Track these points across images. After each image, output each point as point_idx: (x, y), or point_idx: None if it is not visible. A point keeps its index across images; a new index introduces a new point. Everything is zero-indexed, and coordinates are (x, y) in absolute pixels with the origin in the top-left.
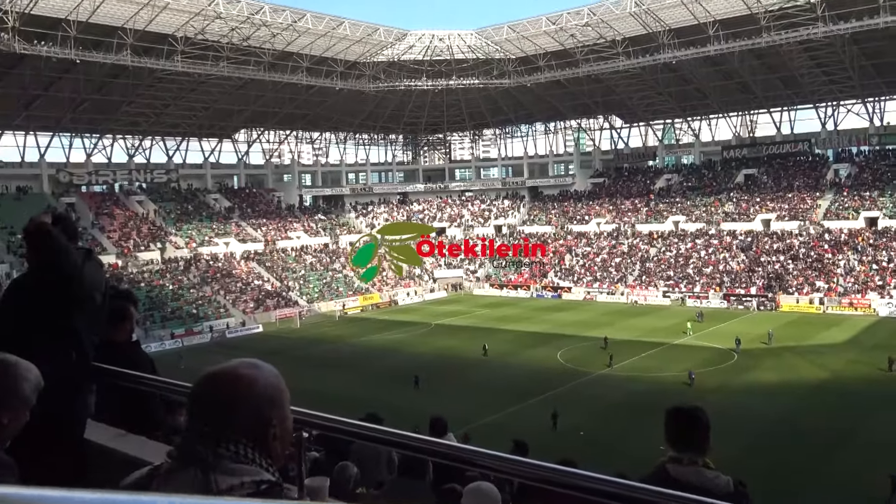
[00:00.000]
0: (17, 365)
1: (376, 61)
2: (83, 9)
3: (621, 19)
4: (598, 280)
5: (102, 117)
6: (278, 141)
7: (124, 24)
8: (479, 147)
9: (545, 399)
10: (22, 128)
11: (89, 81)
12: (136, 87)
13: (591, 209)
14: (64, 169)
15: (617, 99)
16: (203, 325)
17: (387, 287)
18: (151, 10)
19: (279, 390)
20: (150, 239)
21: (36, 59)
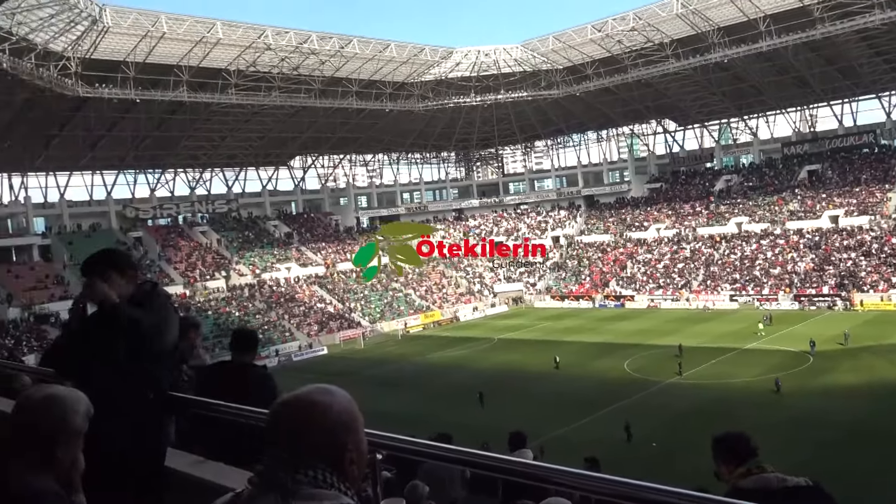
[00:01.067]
0: (66, 399)
1: (424, 81)
2: (140, 50)
3: (668, 21)
4: (662, 287)
5: (163, 153)
6: (333, 165)
7: (179, 62)
8: (531, 159)
9: (614, 410)
10: (89, 168)
11: (149, 119)
12: (194, 121)
13: (649, 215)
14: (130, 204)
15: (669, 102)
16: (270, 350)
17: (448, 304)
18: (204, 46)
19: (353, 415)
20: (215, 268)
21: (98, 101)
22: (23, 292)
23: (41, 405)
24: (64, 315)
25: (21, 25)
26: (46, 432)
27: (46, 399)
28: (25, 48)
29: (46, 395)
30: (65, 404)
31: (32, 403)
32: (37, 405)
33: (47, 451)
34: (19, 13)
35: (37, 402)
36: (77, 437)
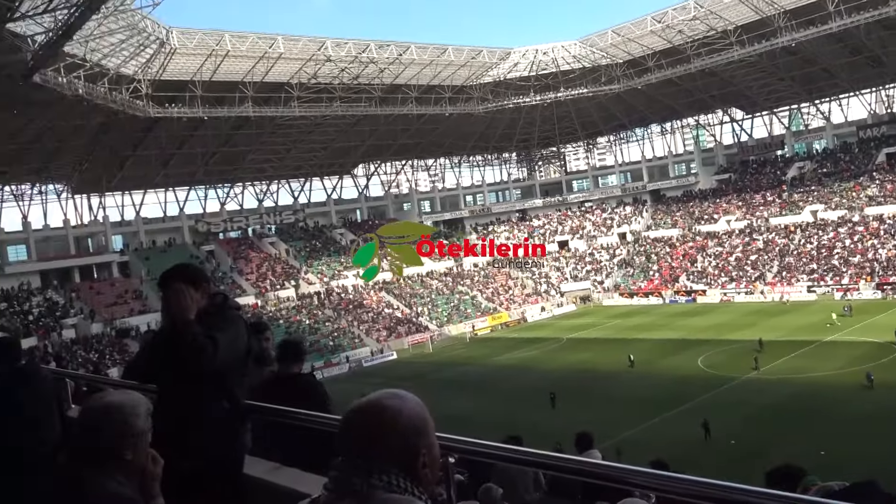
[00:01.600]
0: (124, 403)
1: (483, 83)
2: (206, 69)
3: (731, 8)
4: (735, 280)
5: (231, 167)
6: (395, 171)
7: (243, 79)
8: (594, 156)
9: (690, 409)
10: (162, 185)
11: (217, 135)
12: (260, 135)
13: (718, 207)
14: (202, 219)
15: (735, 90)
16: (340, 356)
17: (515, 305)
18: (267, 62)
19: (424, 419)
20: (285, 277)
21: (168, 120)
22: (104, 308)
23: (102, 412)
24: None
25: (94, 52)
26: (111, 437)
27: (107, 406)
28: (99, 73)
29: (106, 402)
30: (124, 408)
31: (94, 412)
32: (98, 413)
33: (117, 456)
34: (92, 41)
35: (98, 410)
36: (142, 438)
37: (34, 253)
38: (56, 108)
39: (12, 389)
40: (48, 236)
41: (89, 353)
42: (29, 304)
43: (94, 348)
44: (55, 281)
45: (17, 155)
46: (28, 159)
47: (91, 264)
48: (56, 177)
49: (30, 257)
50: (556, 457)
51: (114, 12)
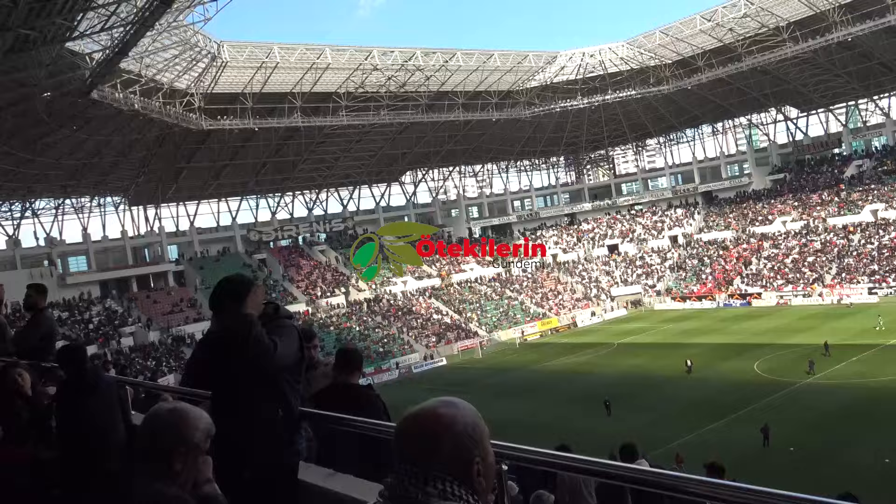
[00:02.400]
0: (188, 413)
1: (529, 87)
2: (256, 81)
3: (783, 4)
4: (791, 283)
5: (281, 177)
6: (443, 178)
7: (292, 90)
8: (643, 158)
9: (747, 414)
10: (214, 196)
11: (267, 146)
12: (309, 144)
13: (773, 208)
14: (253, 228)
15: (789, 88)
16: (390, 363)
17: (564, 310)
18: (315, 72)
19: (478, 427)
20: (335, 284)
21: (220, 132)
22: (161, 316)
23: (165, 418)
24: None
25: (149, 68)
26: (165, 444)
27: (170, 413)
28: (154, 88)
29: (171, 408)
30: (187, 419)
31: (157, 416)
32: (160, 418)
33: (168, 463)
34: (147, 56)
35: (161, 415)
36: (196, 453)
37: (94, 263)
38: (113, 123)
39: (80, 393)
40: (107, 247)
41: (147, 360)
42: (89, 313)
43: (152, 356)
44: (114, 290)
45: (77, 169)
46: (88, 173)
47: (148, 274)
48: (114, 189)
49: (90, 268)
50: (608, 464)
51: (167, 28)
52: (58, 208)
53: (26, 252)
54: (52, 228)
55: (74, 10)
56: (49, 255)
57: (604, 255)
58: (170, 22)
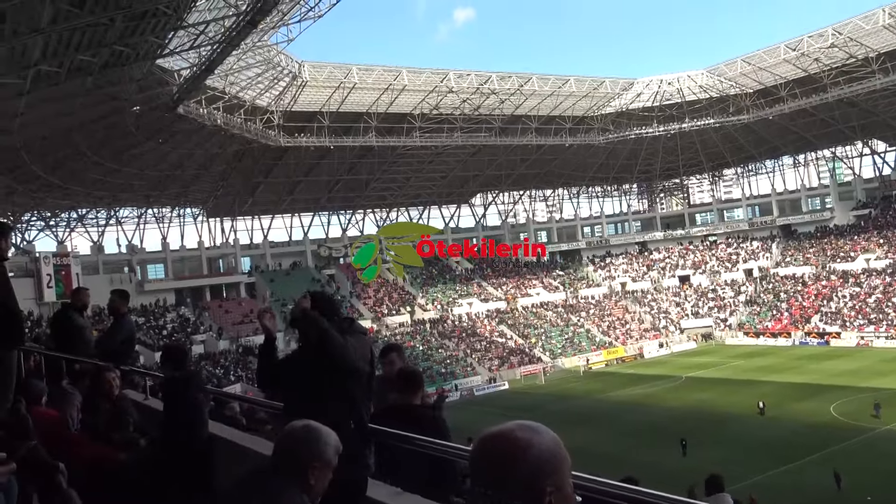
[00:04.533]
0: (321, 431)
1: (604, 113)
2: (334, 100)
3: (873, 34)
4: (873, 323)
5: (354, 195)
6: (513, 201)
7: (368, 109)
8: (719, 188)
9: (822, 457)
10: (288, 211)
11: (341, 164)
12: (382, 163)
13: (856, 244)
14: (324, 244)
15: (877, 120)
16: (452, 384)
17: (631, 340)
18: (391, 93)
19: (556, 455)
20: (401, 303)
21: (297, 149)
22: (231, 326)
23: (301, 435)
24: None
25: (233, 85)
26: (302, 458)
27: (305, 430)
28: (236, 105)
29: (304, 426)
30: (320, 437)
31: (294, 433)
32: (297, 434)
33: (303, 476)
34: (231, 74)
35: (297, 432)
36: (328, 469)
37: (171, 272)
38: (196, 137)
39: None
40: (184, 256)
41: (215, 368)
42: (164, 320)
43: (220, 364)
44: (188, 298)
45: (160, 180)
46: (170, 185)
47: (221, 284)
48: (193, 201)
49: (166, 276)
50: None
51: (252, 48)
52: (140, 217)
53: (108, 258)
54: (134, 237)
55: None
56: (129, 261)
57: (674, 285)
58: (255, 42)
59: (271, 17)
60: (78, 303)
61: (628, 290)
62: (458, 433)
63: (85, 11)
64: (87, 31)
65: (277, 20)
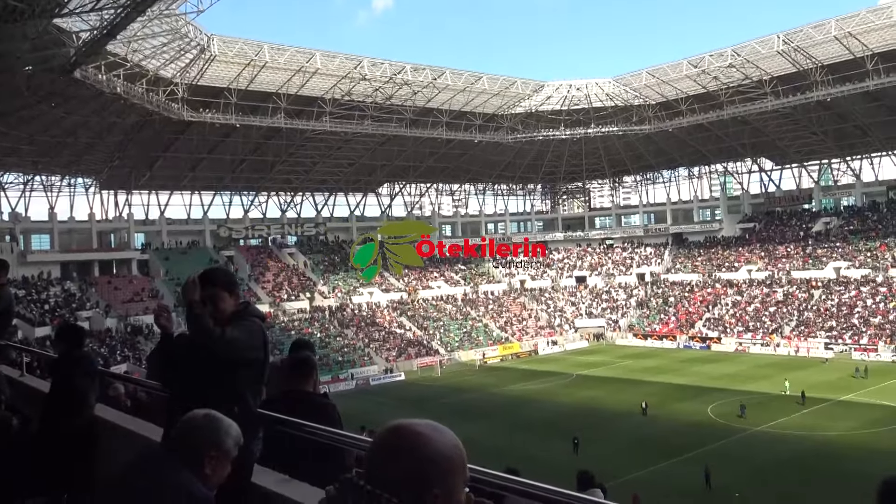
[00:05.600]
0: (222, 420)
1: (514, 113)
2: (243, 77)
3: (768, 58)
4: (751, 331)
5: (258, 176)
6: (419, 193)
7: (278, 90)
8: (619, 194)
9: (695, 456)
10: (188, 188)
11: (246, 143)
12: (289, 146)
13: (740, 256)
14: (224, 225)
15: (766, 140)
16: (348, 373)
17: (527, 336)
18: (303, 76)
19: (451, 460)
20: (300, 289)
21: (201, 125)
22: (120, 304)
23: (200, 423)
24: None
25: (135, 53)
26: (198, 445)
27: (205, 418)
28: (138, 74)
29: (205, 414)
30: (221, 426)
31: (193, 420)
32: (196, 422)
33: (200, 464)
34: (135, 41)
35: (197, 420)
36: (226, 459)
37: (57, 243)
38: (93, 104)
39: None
40: (72, 228)
41: (101, 347)
42: (47, 294)
43: (106, 343)
44: (75, 273)
45: (50, 147)
46: (61, 152)
47: (111, 260)
48: (86, 171)
49: (52, 248)
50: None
51: (158, 16)
52: (26, 184)
53: None
54: (18, 204)
55: None
56: (12, 230)
57: (571, 285)
58: (162, 9)
59: None
60: None
61: (527, 288)
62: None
63: None
64: None
65: None
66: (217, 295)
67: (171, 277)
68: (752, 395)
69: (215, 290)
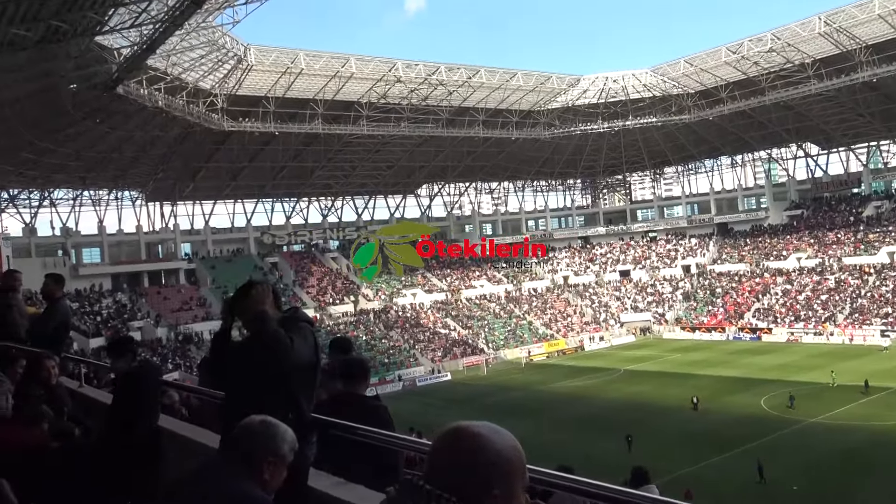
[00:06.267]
0: (278, 426)
1: (550, 108)
2: (280, 85)
3: (809, 41)
4: (803, 320)
5: (299, 182)
6: (458, 193)
7: (315, 96)
8: (660, 186)
9: (749, 449)
10: (231, 197)
11: (286, 151)
12: (327, 152)
13: (788, 244)
14: (267, 231)
15: (811, 125)
16: (394, 374)
17: (572, 333)
18: (339, 81)
19: (510, 462)
20: (344, 293)
21: (241, 134)
22: (170, 313)
23: (257, 429)
24: (206, 335)
25: (175, 66)
26: (256, 451)
27: (262, 424)
28: (178, 87)
29: (262, 420)
30: (277, 432)
31: (250, 427)
32: (253, 429)
33: (257, 469)
34: (174, 55)
35: (254, 427)
36: (283, 464)
37: (107, 256)
38: (136, 119)
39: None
40: (121, 241)
41: (153, 356)
42: (99, 305)
43: (158, 352)
44: (125, 284)
45: (97, 162)
46: (107, 167)
47: (160, 270)
48: (132, 184)
49: (103, 260)
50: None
51: (196, 28)
52: (75, 199)
53: (41, 241)
54: (69, 219)
55: (106, 5)
56: (64, 245)
57: (615, 280)
58: (199, 22)
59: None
60: (8, 286)
61: (570, 284)
62: (400, 423)
63: None
64: (23, 5)
65: (223, 1)
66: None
67: (218, 285)
68: (805, 385)
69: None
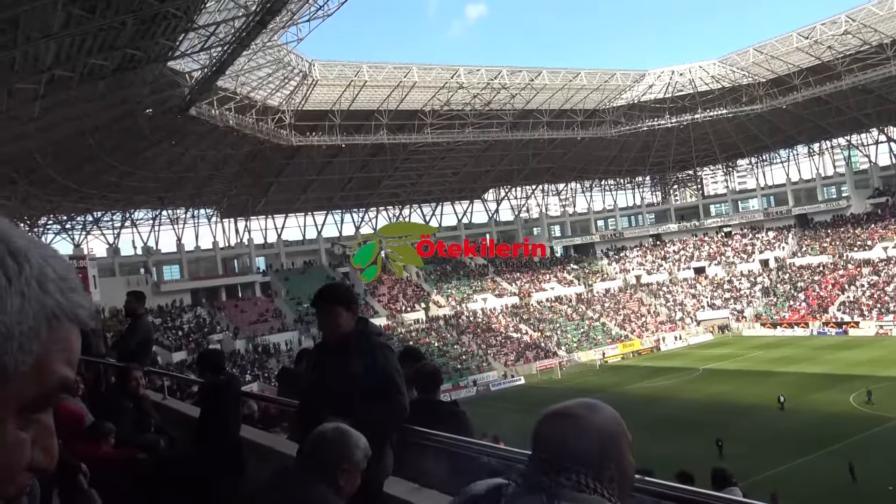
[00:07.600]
0: (351, 433)
1: (616, 106)
2: (344, 98)
3: (887, 20)
4: (893, 312)
5: (366, 192)
6: (525, 196)
7: (379, 107)
8: (734, 179)
9: (839, 449)
10: (301, 209)
11: (353, 162)
12: (394, 161)
13: (874, 233)
14: (338, 242)
15: (893, 108)
16: (468, 380)
17: (647, 333)
18: (402, 90)
19: (615, 432)
20: (415, 300)
21: (309, 148)
22: (247, 325)
23: (332, 437)
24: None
25: (243, 86)
26: (331, 458)
27: (336, 432)
28: (247, 105)
29: (335, 428)
30: (351, 439)
31: (325, 434)
32: (327, 436)
33: (332, 475)
34: (242, 75)
35: (328, 434)
36: (357, 471)
37: (186, 272)
38: (209, 139)
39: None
40: (199, 257)
41: (232, 367)
42: (180, 320)
43: (237, 364)
44: (204, 299)
45: (173, 182)
46: (183, 186)
47: (236, 284)
48: (207, 202)
49: (182, 277)
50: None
51: (262, 48)
52: (154, 219)
53: (124, 260)
54: (149, 238)
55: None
56: (145, 263)
57: (690, 277)
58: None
59: (280, 17)
60: None
61: (643, 283)
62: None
63: (96, 15)
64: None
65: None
66: (335, 311)
67: (292, 297)
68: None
69: (334, 307)
